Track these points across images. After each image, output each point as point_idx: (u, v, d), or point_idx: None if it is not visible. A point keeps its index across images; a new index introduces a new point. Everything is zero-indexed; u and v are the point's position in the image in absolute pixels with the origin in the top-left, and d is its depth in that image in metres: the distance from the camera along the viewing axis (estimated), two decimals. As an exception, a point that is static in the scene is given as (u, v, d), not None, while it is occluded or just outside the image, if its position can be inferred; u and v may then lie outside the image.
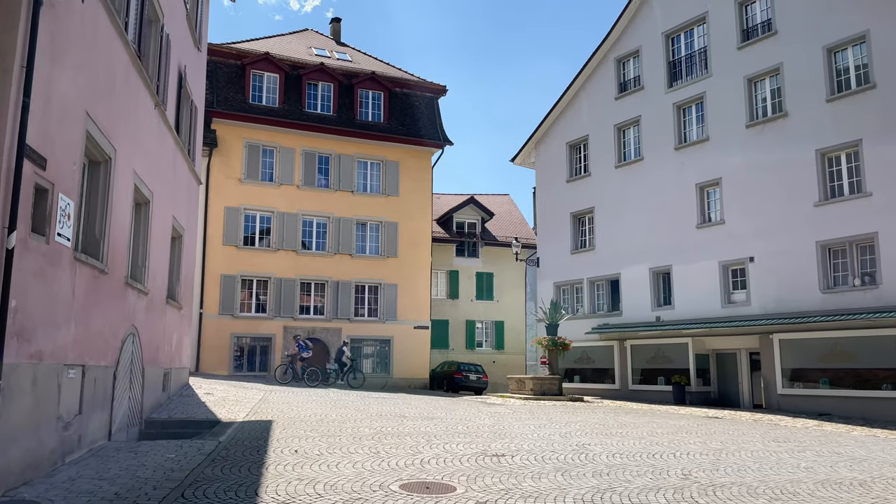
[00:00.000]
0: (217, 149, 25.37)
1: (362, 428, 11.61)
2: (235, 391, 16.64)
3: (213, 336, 24.47)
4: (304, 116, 26.87)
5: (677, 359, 20.61)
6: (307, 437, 10.42)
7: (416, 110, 29.12)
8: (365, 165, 27.93)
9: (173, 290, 14.69)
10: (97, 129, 8.53)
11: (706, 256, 20.10)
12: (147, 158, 11.63)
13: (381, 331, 26.96)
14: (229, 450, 9.25)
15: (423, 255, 28.14)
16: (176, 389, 15.11)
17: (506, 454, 9.40)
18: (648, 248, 21.78)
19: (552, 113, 25.61)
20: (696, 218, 20.68)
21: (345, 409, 14.28)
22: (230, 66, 26.68)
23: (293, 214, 26.23)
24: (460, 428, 12.02)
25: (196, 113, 16.37)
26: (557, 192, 25.37)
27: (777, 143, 18.80)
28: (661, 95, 22.14)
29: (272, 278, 25.63)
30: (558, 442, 10.75)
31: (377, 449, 9.47)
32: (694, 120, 21.33)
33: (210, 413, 13.03)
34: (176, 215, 14.25)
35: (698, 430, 12.99)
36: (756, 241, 18.92)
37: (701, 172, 20.63)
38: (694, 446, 10.69)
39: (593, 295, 23.89)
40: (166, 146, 13.21)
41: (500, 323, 34.17)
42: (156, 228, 12.38)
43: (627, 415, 15.93)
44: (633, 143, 23.12)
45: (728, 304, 19.55)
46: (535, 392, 20.24)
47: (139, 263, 11.63)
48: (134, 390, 11.30)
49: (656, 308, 21.47)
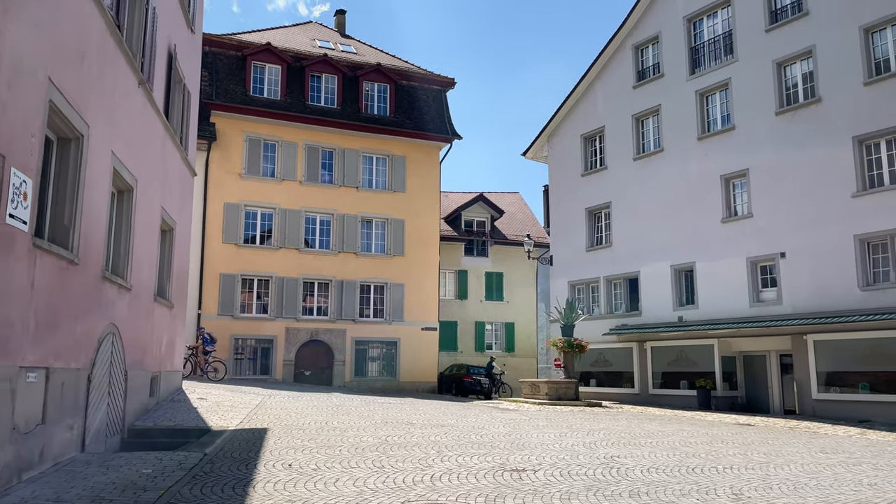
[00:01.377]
0: (216, 143, 24.37)
1: (366, 437, 10.57)
2: (231, 396, 15.58)
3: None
4: (307, 109, 25.86)
5: (701, 361, 19.40)
6: (304, 448, 9.37)
7: (424, 103, 28.06)
8: (370, 160, 26.88)
9: (163, 287, 13.66)
10: (64, 100, 7.48)
11: (733, 252, 18.90)
12: (129, 141, 10.61)
13: (387, 332, 25.86)
14: (215, 463, 8.20)
15: (430, 253, 27.04)
16: (167, 394, 14.06)
17: (527, 469, 8.36)
18: (670, 245, 20.59)
19: (566, 104, 24.48)
20: (722, 212, 19.48)
21: (347, 416, 13.25)
22: (230, 58, 25.70)
23: (296, 211, 25.20)
24: (473, 437, 10.96)
25: (189, 99, 15.34)
26: (571, 187, 24.22)
27: (810, 131, 17.60)
28: (682, 83, 20.98)
29: (274, 277, 24.61)
30: (584, 454, 9.68)
31: (381, 462, 8.41)
32: (718, 108, 20.14)
33: (200, 420, 11.97)
34: (166, 207, 13.22)
35: (733, 439, 11.97)
36: (787, 235, 17.71)
37: (726, 163, 19.44)
38: (735, 458, 9.56)
39: (610, 294, 22.71)
40: (154, 131, 12.19)
41: (511, 325, 33.02)
42: (141, 219, 11.34)
43: (652, 422, 14.80)
44: (653, 134, 21.95)
45: (757, 302, 18.33)
46: (550, 397, 19.10)
47: (121, 256, 10.60)
48: (114, 396, 10.24)
49: (678, 308, 20.27)
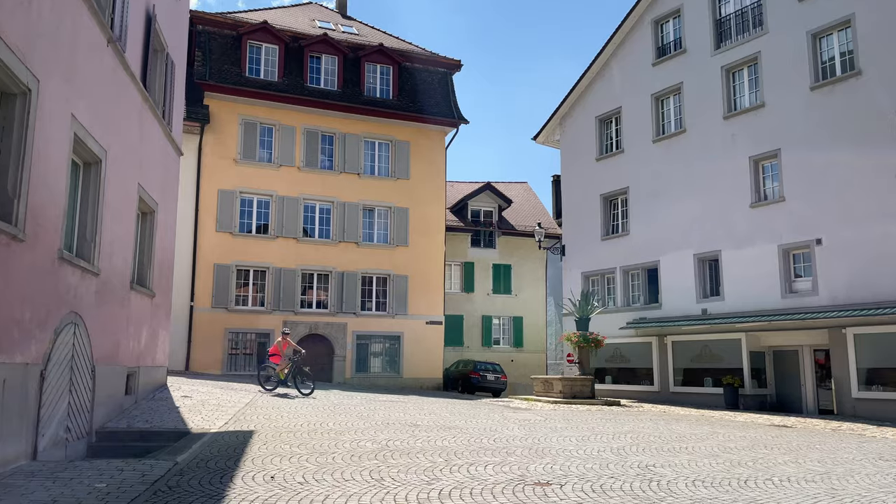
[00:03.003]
0: (209, 125, 23.09)
1: (364, 442, 9.29)
2: (220, 394, 14.32)
3: (206, 331, 22.22)
4: (305, 91, 24.55)
5: (727, 357, 18.03)
6: (292, 456, 8.09)
7: (428, 86, 26.70)
8: (372, 146, 25.56)
9: (142, 274, 12.41)
10: (3, 45, 6.22)
11: (762, 240, 17.51)
12: (96, 106, 9.34)
13: (390, 326, 24.57)
14: (184, 475, 6.93)
15: (435, 243, 25.73)
16: (147, 392, 12.81)
17: (551, 482, 7.13)
18: (693, 232, 19.21)
19: (579, 85, 23.08)
20: (750, 196, 18.07)
21: (345, 416, 11.99)
22: (225, 37, 24.39)
23: (294, 199, 23.91)
24: (486, 442, 9.68)
25: (173, 70, 14.04)
26: (585, 173, 22.83)
27: (849, 106, 16.19)
28: (706, 58, 19.55)
29: (271, 268, 23.34)
30: (614, 462, 8.39)
31: (381, 474, 7.15)
32: (746, 84, 18.71)
33: (180, 421, 10.72)
34: (144, 185, 11.95)
35: (775, 443, 10.74)
36: (823, 220, 16.32)
37: (755, 143, 18.04)
38: (788, 468, 8.36)
39: (627, 286, 21.34)
40: (128, 99, 10.90)
41: (519, 319, 31.69)
42: (112, 196, 10.08)
43: (680, 423, 13.48)
44: (674, 114, 20.53)
45: (789, 293, 16.95)
46: (564, 395, 17.78)
47: (86, 237, 9.34)
48: (78, 394, 8.98)
49: (702, 300, 18.89)
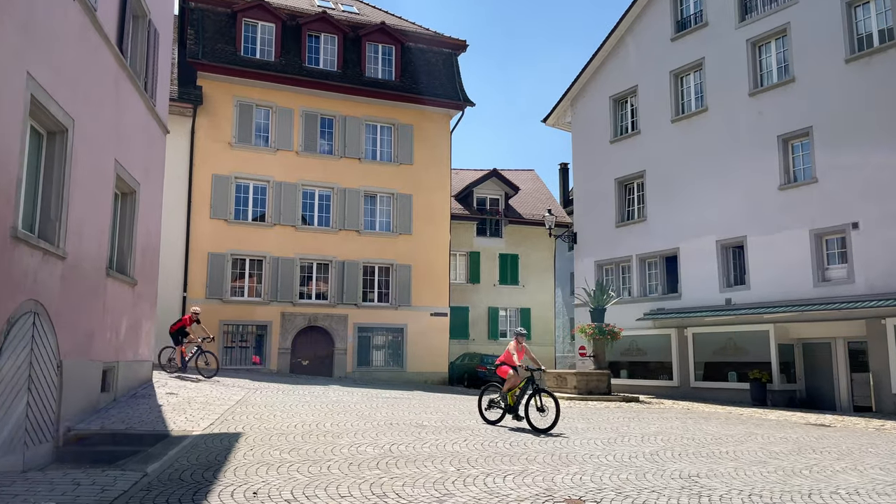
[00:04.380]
0: (203, 107, 21.93)
1: (364, 446, 8.23)
2: (209, 390, 13.25)
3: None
4: (303, 72, 23.36)
5: (753, 350, 16.90)
6: (281, 465, 7.02)
7: (433, 67, 25.49)
8: (374, 129, 24.38)
9: (122, 260, 11.32)
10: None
11: (792, 224, 16.34)
12: (60, 68, 8.27)
13: (392, 318, 23.47)
14: (151, 490, 5.93)
15: (440, 232, 24.59)
16: (128, 389, 11.74)
17: (585, 498, 6.31)
18: (715, 217, 18.04)
19: (592, 63, 21.87)
20: (779, 178, 16.90)
21: (344, 415, 10.94)
22: (219, 15, 23.19)
23: (292, 184, 22.77)
24: (501, 446, 8.66)
25: (157, 39, 12.89)
26: (599, 156, 21.65)
27: (887, 79, 15.03)
28: (730, 31, 18.33)
29: (268, 258, 22.23)
30: (650, 471, 7.36)
31: (383, 487, 6.25)
32: (774, 58, 17.49)
33: (161, 422, 9.66)
34: (123, 162, 10.83)
35: (821, 446, 9.71)
36: (860, 202, 15.16)
37: (784, 121, 16.84)
38: (849, 477, 7.45)
39: (644, 275, 20.19)
40: (101, 64, 9.79)
41: (527, 310, 30.56)
42: (82, 172, 8.98)
43: (709, 422, 12.42)
44: (695, 92, 19.32)
45: (822, 282, 15.79)
46: (579, 390, 16.69)
47: (49, 215, 8.25)
48: (39, 392, 7.89)
49: (726, 289, 17.74)
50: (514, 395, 10.19)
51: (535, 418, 9.91)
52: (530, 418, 9.88)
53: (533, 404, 9.96)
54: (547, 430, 9.59)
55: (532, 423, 9.80)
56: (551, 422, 9.71)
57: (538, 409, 9.89)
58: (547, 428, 9.64)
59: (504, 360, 10.45)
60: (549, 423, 9.73)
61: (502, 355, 10.61)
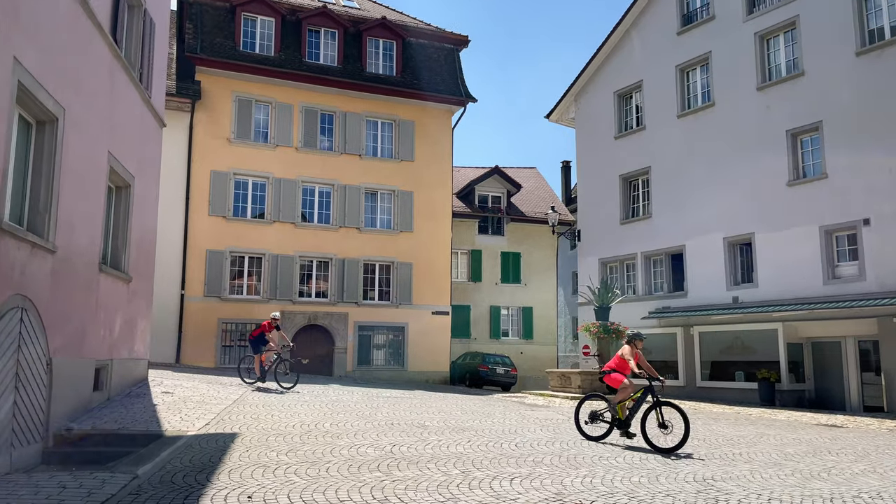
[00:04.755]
0: (201, 102, 21.63)
1: (365, 447, 7.95)
2: (206, 389, 12.95)
3: (197, 322, 20.84)
4: (303, 67, 23.06)
5: (761, 349, 16.58)
6: (278, 467, 6.73)
7: (434, 63, 25.19)
8: (375, 125, 24.08)
9: (116, 255, 11.04)
10: None
11: (802, 221, 16.02)
12: (50, 54, 8.01)
13: (393, 317, 23.16)
14: (141, 494, 5.72)
15: (442, 229, 24.28)
16: (122, 388, 11.44)
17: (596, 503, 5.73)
18: (722, 214, 17.72)
19: (596, 58, 21.54)
20: (788, 173, 16.57)
21: (344, 415, 10.65)
22: (218, 9, 22.89)
23: (291, 181, 22.47)
24: (507, 447, 8.36)
25: (153, 29, 12.59)
26: (603, 152, 21.33)
27: (901, 73, 14.66)
28: (737, 25, 18.00)
29: (267, 255, 21.94)
30: (663, 474, 7.13)
31: (385, 491, 6.00)
32: (783, 52, 17.16)
33: (154, 422, 9.37)
34: (117, 155, 10.54)
35: (836, 447, 9.40)
36: (871, 198, 14.84)
37: (793, 116, 16.52)
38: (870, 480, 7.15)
39: (649, 273, 19.87)
40: (93, 53, 9.50)
41: (529, 309, 30.24)
42: (73, 163, 8.71)
43: (718, 422, 12.14)
44: (701, 87, 19.00)
45: (832, 279, 15.47)
46: (584, 390, 16.41)
47: (38, 208, 7.98)
48: (27, 392, 7.61)
49: (733, 287, 17.42)
50: (626, 408, 8.75)
51: (655, 436, 8.41)
52: (648, 436, 8.34)
53: (653, 418, 8.44)
54: (671, 450, 8.06)
55: (651, 442, 8.28)
56: (678, 440, 8.12)
57: (660, 424, 8.34)
58: (671, 448, 8.09)
59: (615, 367, 8.97)
60: (674, 443, 8.16)
61: (612, 361, 9.17)
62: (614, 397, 8.90)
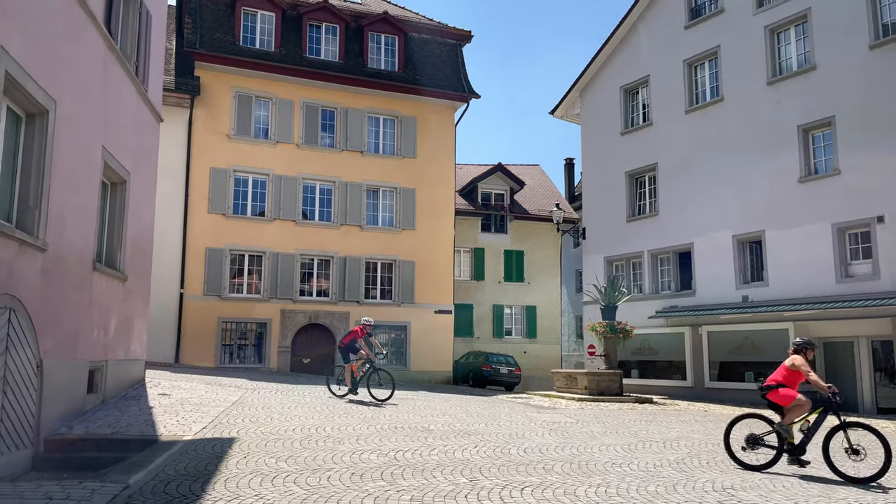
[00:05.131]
0: (200, 98, 21.29)
1: (367, 453, 7.64)
2: (205, 390, 12.63)
3: (197, 321, 20.52)
4: (304, 62, 22.72)
5: (772, 349, 16.22)
6: (277, 475, 6.42)
7: (437, 58, 24.83)
8: (376, 122, 23.74)
9: (110, 254, 10.70)
10: None
11: (813, 218, 15.68)
12: (40, 45, 7.69)
13: (395, 315, 22.83)
14: None
15: (444, 227, 23.95)
16: (118, 390, 11.11)
17: None
18: (732, 211, 17.38)
19: (602, 52, 21.19)
20: (799, 170, 16.23)
21: (346, 418, 10.35)
22: (217, 4, 22.53)
23: (292, 178, 22.14)
24: (515, 453, 8.05)
25: (150, 22, 12.25)
26: (609, 148, 20.98)
27: (916, 66, 14.30)
28: (747, 18, 17.65)
29: (267, 253, 21.61)
30: (681, 483, 6.80)
31: (388, 502, 5.81)
32: (794, 46, 16.80)
33: (151, 425, 9.05)
34: (111, 150, 10.20)
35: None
36: (885, 195, 14.51)
37: (805, 111, 16.17)
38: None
39: (656, 271, 19.54)
40: (86, 44, 9.16)
41: (532, 308, 29.91)
42: (65, 157, 8.39)
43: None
44: (710, 81, 18.64)
45: (845, 278, 15.13)
46: (590, 391, 16.06)
47: (27, 203, 7.64)
48: (16, 394, 7.28)
49: (742, 286, 17.08)
50: (801, 430, 7.35)
51: (843, 463, 7.09)
52: (834, 463, 7.02)
53: (840, 443, 7.08)
54: (870, 479, 6.77)
55: (839, 471, 6.96)
56: (876, 470, 6.82)
57: (848, 450, 6.98)
58: (870, 477, 6.79)
59: (783, 381, 7.47)
60: (872, 471, 6.87)
61: (777, 373, 7.61)
62: (784, 418, 7.44)
